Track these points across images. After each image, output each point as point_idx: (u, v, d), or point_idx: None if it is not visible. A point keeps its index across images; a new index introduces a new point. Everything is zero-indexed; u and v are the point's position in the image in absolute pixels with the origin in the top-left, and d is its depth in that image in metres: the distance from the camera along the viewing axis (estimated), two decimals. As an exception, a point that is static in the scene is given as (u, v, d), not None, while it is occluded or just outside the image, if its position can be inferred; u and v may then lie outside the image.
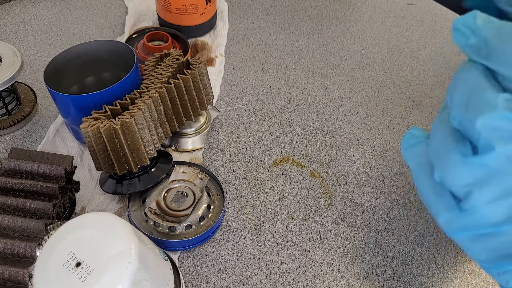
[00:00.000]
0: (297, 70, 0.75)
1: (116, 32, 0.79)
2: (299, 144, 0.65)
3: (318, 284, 0.51)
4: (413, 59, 0.78)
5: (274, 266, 0.52)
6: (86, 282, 0.37)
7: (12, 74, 0.58)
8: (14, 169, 0.50)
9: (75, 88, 0.62)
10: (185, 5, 0.73)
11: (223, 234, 0.55)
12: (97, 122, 0.49)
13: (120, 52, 0.59)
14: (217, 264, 0.52)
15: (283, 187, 0.60)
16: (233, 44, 0.79)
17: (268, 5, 0.87)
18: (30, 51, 0.74)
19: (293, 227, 0.56)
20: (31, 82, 0.69)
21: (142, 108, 0.51)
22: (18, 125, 0.63)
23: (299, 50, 0.78)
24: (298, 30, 0.82)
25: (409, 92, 0.73)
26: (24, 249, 0.45)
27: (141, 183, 0.54)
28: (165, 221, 0.51)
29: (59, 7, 0.82)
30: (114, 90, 0.53)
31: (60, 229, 0.40)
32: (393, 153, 0.65)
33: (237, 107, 0.69)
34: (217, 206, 0.55)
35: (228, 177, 0.60)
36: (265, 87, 0.72)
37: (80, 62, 0.60)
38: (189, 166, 0.57)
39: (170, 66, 0.58)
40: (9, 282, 0.44)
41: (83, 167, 0.59)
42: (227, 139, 0.65)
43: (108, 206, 0.56)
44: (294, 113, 0.69)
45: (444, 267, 0.53)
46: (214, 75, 0.72)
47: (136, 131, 0.50)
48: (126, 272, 0.37)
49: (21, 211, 0.48)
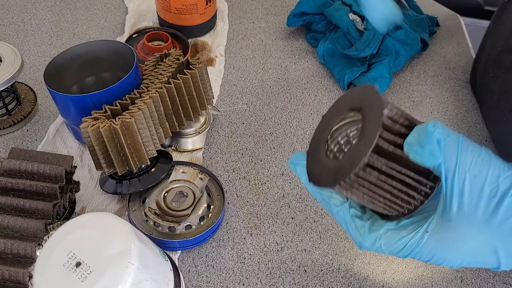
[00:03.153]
0: (297, 70, 0.75)
1: (116, 32, 0.79)
2: (299, 144, 0.65)
3: (318, 284, 0.51)
4: (413, 59, 0.78)
5: (274, 266, 0.52)
6: (86, 282, 0.37)
7: (12, 74, 0.58)
8: (14, 169, 0.50)
9: (75, 88, 0.62)
10: (185, 5, 0.73)
11: (223, 234, 0.55)
12: (97, 122, 0.49)
13: (120, 52, 0.59)
14: (217, 264, 0.52)
15: (283, 187, 0.60)
16: (233, 44, 0.79)
17: (268, 5, 0.87)
18: (30, 51, 0.74)
19: (293, 227, 0.56)
20: (31, 82, 0.69)
21: (142, 108, 0.51)
22: (18, 125, 0.63)
23: (299, 50, 0.78)
24: (298, 30, 0.82)
25: (409, 92, 0.73)
26: (24, 249, 0.45)
27: (141, 183, 0.54)
28: (165, 221, 0.51)
29: (59, 7, 0.82)
30: (114, 90, 0.53)
31: (60, 229, 0.40)
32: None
33: (237, 107, 0.69)
34: (217, 206, 0.55)
35: (228, 177, 0.60)
36: (265, 87, 0.72)
37: (80, 62, 0.60)
38: (189, 166, 0.57)
39: (170, 66, 0.58)
40: (9, 282, 0.44)
41: (83, 167, 0.59)
42: (227, 139, 0.65)
43: (108, 206, 0.56)
44: (294, 113, 0.69)
45: (444, 267, 0.53)
46: (214, 75, 0.72)
47: (136, 131, 0.50)
48: (126, 272, 0.37)
49: (21, 211, 0.48)
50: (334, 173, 0.33)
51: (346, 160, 0.32)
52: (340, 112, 0.36)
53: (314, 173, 0.35)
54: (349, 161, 0.31)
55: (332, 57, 0.74)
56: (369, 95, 0.33)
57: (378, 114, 0.31)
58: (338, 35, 0.72)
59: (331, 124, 0.36)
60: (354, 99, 0.35)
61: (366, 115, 0.32)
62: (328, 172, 0.33)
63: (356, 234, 0.36)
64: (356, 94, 0.35)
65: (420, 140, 0.31)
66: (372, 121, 0.31)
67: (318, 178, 0.34)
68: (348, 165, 0.31)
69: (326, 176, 0.33)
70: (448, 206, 0.32)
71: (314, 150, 0.37)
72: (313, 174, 0.35)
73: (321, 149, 0.36)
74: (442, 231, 0.33)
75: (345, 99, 0.36)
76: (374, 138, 0.30)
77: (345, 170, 0.32)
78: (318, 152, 0.36)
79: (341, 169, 0.32)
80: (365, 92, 0.34)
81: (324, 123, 0.37)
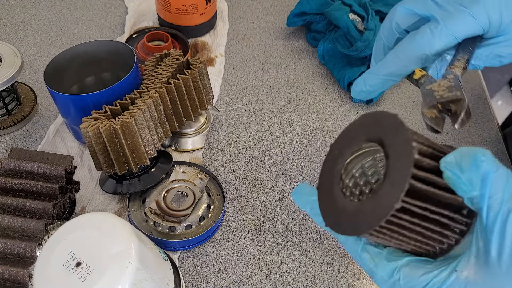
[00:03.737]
0: (297, 70, 0.75)
1: (116, 32, 0.79)
2: (299, 144, 0.65)
3: (318, 284, 0.51)
4: (413, 59, 0.78)
5: (274, 266, 0.52)
6: (86, 282, 0.37)
7: (12, 74, 0.58)
8: (14, 169, 0.50)
9: (75, 88, 0.62)
10: (185, 5, 0.73)
11: (223, 234, 0.55)
12: (97, 122, 0.49)
13: (120, 52, 0.59)
14: (217, 264, 0.52)
15: (283, 187, 0.60)
16: (233, 44, 0.79)
17: (268, 5, 0.87)
18: (30, 51, 0.74)
19: (293, 227, 0.56)
20: (31, 82, 0.69)
21: (142, 108, 0.51)
22: (18, 125, 0.63)
23: (299, 50, 0.78)
24: (298, 30, 0.82)
25: (409, 92, 0.73)
26: (24, 249, 0.45)
27: (141, 183, 0.54)
28: (165, 221, 0.51)
29: (59, 7, 0.82)
30: (114, 90, 0.53)
31: (60, 229, 0.40)
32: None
33: (237, 107, 0.69)
34: (217, 206, 0.55)
35: (228, 177, 0.60)
36: (265, 87, 0.72)
37: (80, 62, 0.60)
38: (189, 166, 0.57)
39: (170, 66, 0.58)
40: (9, 282, 0.44)
41: (83, 167, 0.59)
42: (227, 139, 0.65)
43: (108, 206, 0.56)
44: (294, 113, 0.69)
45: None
46: (214, 75, 0.72)
47: (136, 131, 0.50)
48: (126, 272, 0.37)
49: (21, 211, 0.48)
50: (357, 219, 0.29)
51: (371, 204, 0.28)
52: (353, 142, 0.32)
53: (331, 216, 0.31)
54: (376, 206, 0.27)
55: (332, 57, 0.74)
56: (389, 124, 0.29)
57: (406, 149, 0.27)
58: (338, 35, 0.72)
59: (344, 156, 0.32)
60: (370, 127, 0.31)
61: (389, 149, 0.28)
62: (349, 216, 0.29)
63: (370, 262, 0.32)
64: (372, 121, 0.31)
65: (461, 164, 0.28)
66: (400, 158, 0.27)
67: (336, 223, 0.30)
68: (374, 212, 0.27)
69: (347, 221, 0.29)
70: (485, 246, 0.28)
71: (326, 186, 0.32)
72: (330, 217, 0.31)
73: (335, 185, 0.32)
74: (475, 274, 0.29)
75: (357, 127, 0.32)
76: (406, 180, 0.26)
77: (372, 218, 0.28)
78: (331, 189, 0.32)
79: (366, 215, 0.28)
80: (383, 120, 0.30)
81: (334, 154, 0.33)
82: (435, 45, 0.39)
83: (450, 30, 0.38)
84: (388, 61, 0.42)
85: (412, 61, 0.40)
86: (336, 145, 0.34)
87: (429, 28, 0.39)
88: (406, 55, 0.40)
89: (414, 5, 0.41)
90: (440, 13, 0.39)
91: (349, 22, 0.69)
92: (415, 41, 0.39)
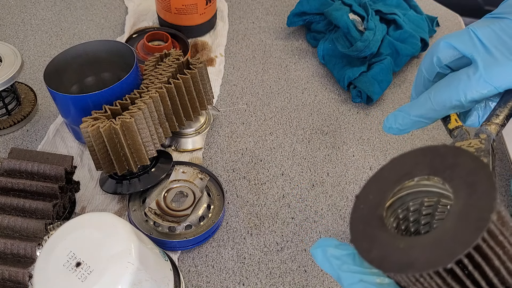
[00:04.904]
0: (297, 70, 0.75)
1: (116, 32, 0.79)
2: (299, 144, 0.65)
3: (318, 284, 0.51)
4: (413, 59, 0.78)
5: (274, 266, 0.52)
6: (86, 282, 0.37)
7: (12, 74, 0.58)
8: (14, 169, 0.50)
9: (75, 88, 0.62)
10: (185, 5, 0.73)
11: (223, 234, 0.55)
12: (97, 122, 0.49)
13: (120, 52, 0.59)
14: (217, 264, 0.52)
15: (283, 187, 0.60)
16: (233, 44, 0.79)
17: (268, 5, 0.87)
18: (30, 51, 0.74)
19: (293, 227, 0.56)
20: (31, 82, 0.69)
21: (142, 108, 0.51)
22: (18, 125, 0.63)
23: (299, 50, 0.78)
24: (298, 30, 0.82)
25: (409, 92, 0.73)
26: (24, 249, 0.45)
27: (141, 183, 0.54)
28: (165, 221, 0.51)
29: (59, 7, 0.82)
30: (114, 90, 0.53)
31: (60, 229, 0.40)
32: (393, 153, 0.65)
33: (237, 107, 0.69)
34: (217, 206, 0.55)
35: (228, 177, 0.60)
36: (265, 87, 0.72)
37: (80, 62, 0.60)
38: (189, 166, 0.57)
39: (170, 66, 0.58)
40: (9, 282, 0.44)
41: (83, 167, 0.59)
42: (227, 139, 0.65)
43: (108, 206, 0.56)
44: (294, 113, 0.69)
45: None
46: (214, 75, 0.72)
47: (136, 131, 0.50)
48: (126, 272, 0.37)
49: (21, 211, 0.48)
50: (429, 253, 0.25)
51: (431, 241, 0.25)
52: (391, 184, 0.29)
53: (373, 252, 0.27)
54: (450, 240, 0.24)
55: (332, 57, 0.74)
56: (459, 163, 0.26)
57: (487, 196, 0.24)
58: (338, 35, 0.72)
59: (382, 200, 0.29)
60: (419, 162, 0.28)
61: (459, 189, 0.26)
62: (401, 253, 0.26)
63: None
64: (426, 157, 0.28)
65: None
66: (481, 200, 0.25)
67: (382, 258, 0.26)
68: (456, 242, 0.24)
69: (397, 257, 0.26)
70: None
71: (363, 233, 0.29)
72: (371, 253, 0.27)
73: (375, 229, 0.28)
74: None
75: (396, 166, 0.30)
76: (483, 227, 0.23)
77: (455, 247, 0.24)
78: (372, 233, 0.28)
79: (441, 247, 0.25)
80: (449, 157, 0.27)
81: (369, 199, 0.30)
82: (471, 94, 0.36)
83: (490, 79, 0.35)
84: (420, 102, 0.39)
85: (445, 107, 0.38)
86: (365, 192, 0.30)
87: (467, 74, 0.36)
88: (439, 100, 0.38)
89: (457, 41, 0.38)
90: (484, 57, 0.36)
91: (349, 22, 0.69)
92: (450, 87, 0.37)
